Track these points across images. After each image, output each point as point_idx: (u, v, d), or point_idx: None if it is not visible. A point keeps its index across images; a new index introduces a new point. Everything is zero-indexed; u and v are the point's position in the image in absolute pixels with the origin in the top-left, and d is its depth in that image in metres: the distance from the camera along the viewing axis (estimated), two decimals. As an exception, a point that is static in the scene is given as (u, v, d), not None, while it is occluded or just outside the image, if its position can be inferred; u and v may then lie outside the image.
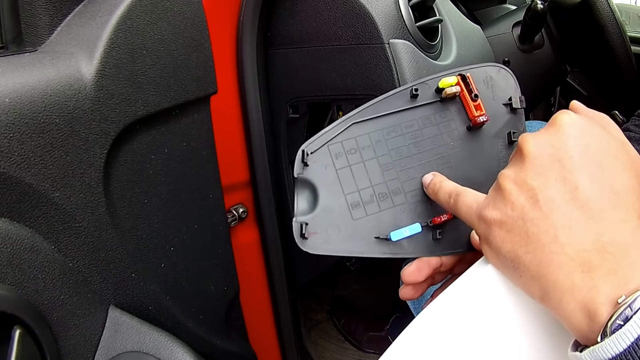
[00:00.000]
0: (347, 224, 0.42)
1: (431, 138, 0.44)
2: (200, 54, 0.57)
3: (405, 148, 0.44)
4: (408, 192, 0.44)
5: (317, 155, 0.42)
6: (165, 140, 0.54)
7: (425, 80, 0.45)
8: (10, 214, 0.39)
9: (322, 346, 1.20)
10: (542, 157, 0.31)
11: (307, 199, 0.43)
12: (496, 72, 0.46)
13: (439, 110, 0.45)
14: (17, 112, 0.38)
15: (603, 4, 0.89)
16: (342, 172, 0.43)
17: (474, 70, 0.46)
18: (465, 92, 0.45)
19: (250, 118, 0.78)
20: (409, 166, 0.44)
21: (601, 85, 1.09)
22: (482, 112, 0.44)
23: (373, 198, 0.43)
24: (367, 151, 0.43)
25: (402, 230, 0.42)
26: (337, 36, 0.72)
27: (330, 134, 0.43)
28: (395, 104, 0.44)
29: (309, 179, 0.43)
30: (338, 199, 0.42)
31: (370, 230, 0.42)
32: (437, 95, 0.45)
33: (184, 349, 0.47)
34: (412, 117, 0.45)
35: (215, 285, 0.65)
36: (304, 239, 0.42)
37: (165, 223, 0.55)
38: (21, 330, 0.37)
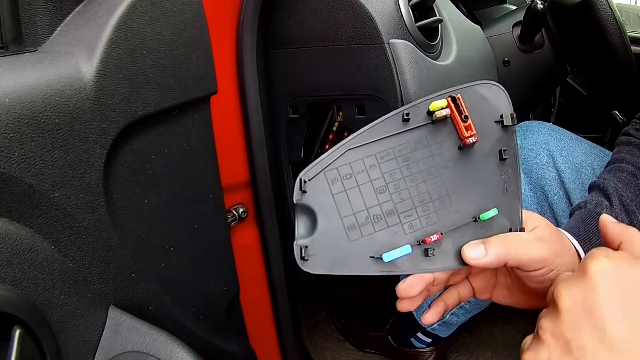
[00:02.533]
0: (344, 245, 0.45)
1: (423, 160, 0.46)
2: (200, 54, 0.57)
3: (398, 171, 0.46)
4: (401, 213, 0.46)
5: (315, 182, 0.45)
6: (165, 140, 0.54)
7: (416, 103, 0.46)
8: (10, 214, 0.39)
9: (322, 346, 1.20)
10: (576, 310, 0.35)
11: (306, 223, 0.45)
12: (487, 89, 0.47)
13: (430, 133, 0.47)
14: (17, 112, 0.38)
15: (603, 4, 0.89)
16: (338, 197, 0.45)
17: (464, 89, 0.47)
18: (455, 114, 0.46)
19: (250, 118, 0.78)
20: (402, 188, 0.46)
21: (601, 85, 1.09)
22: (473, 133, 0.46)
23: (368, 220, 0.45)
24: (361, 176, 0.46)
25: (393, 252, 0.45)
26: (337, 36, 0.72)
27: (326, 160, 0.45)
28: (387, 128, 0.46)
29: (308, 205, 0.45)
30: (335, 222, 0.45)
31: (366, 251, 0.45)
32: (428, 117, 0.47)
33: (184, 349, 0.47)
34: (405, 141, 0.46)
35: (215, 285, 0.65)
36: (304, 260, 0.44)
37: (165, 223, 0.55)
38: (21, 330, 0.37)
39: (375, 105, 0.72)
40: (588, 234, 0.51)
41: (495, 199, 0.47)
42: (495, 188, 0.47)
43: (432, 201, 0.47)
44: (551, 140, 0.82)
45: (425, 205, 0.46)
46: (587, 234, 0.51)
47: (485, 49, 0.96)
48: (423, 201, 0.46)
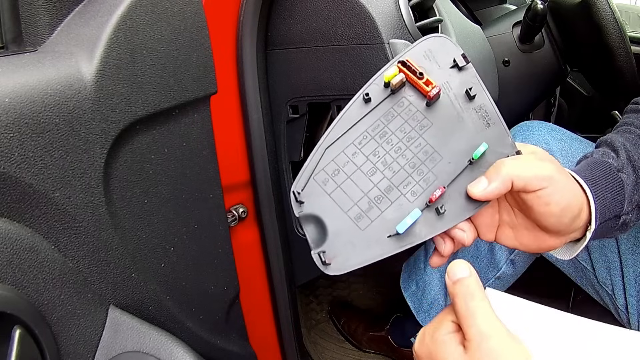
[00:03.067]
0: (359, 236, 0.45)
1: (399, 129, 0.47)
2: (200, 54, 0.57)
3: (379, 148, 0.47)
4: (399, 185, 0.46)
5: (308, 190, 0.46)
6: (165, 140, 0.54)
7: (372, 81, 0.48)
8: (10, 214, 0.39)
9: (322, 346, 1.20)
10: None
11: (315, 231, 0.46)
12: (432, 43, 0.48)
13: (395, 102, 0.48)
14: (17, 112, 0.38)
15: (603, 4, 0.89)
16: (335, 195, 0.46)
17: (410, 51, 0.48)
18: (410, 75, 0.47)
19: (250, 118, 0.78)
20: (389, 162, 0.47)
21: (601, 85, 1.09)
22: (433, 85, 0.46)
23: (371, 204, 0.46)
24: (348, 167, 0.46)
25: (404, 221, 0.44)
26: (337, 36, 0.72)
27: (311, 166, 0.46)
28: (355, 114, 0.47)
29: (310, 213, 0.46)
30: (342, 219, 0.45)
31: (381, 233, 0.45)
32: (387, 89, 0.48)
33: (184, 349, 0.47)
34: (375, 119, 0.47)
35: (215, 285, 0.65)
36: (327, 265, 0.44)
37: (165, 223, 0.55)
38: (21, 330, 0.37)
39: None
40: (594, 176, 0.51)
41: (481, 135, 0.47)
42: (477, 126, 0.47)
43: (423, 162, 0.47)
44: (551, 140, 0.82)
45: (418, 169, 0.47)
46: (592, 176, 0.51)
47: (485, 49, 0.96)
48: (415, 166, 0.47)
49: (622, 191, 0.51)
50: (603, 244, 0.75)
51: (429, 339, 0.42)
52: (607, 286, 0.75)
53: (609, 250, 0.74)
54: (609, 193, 0.50)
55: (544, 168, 0.45)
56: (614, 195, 0.50)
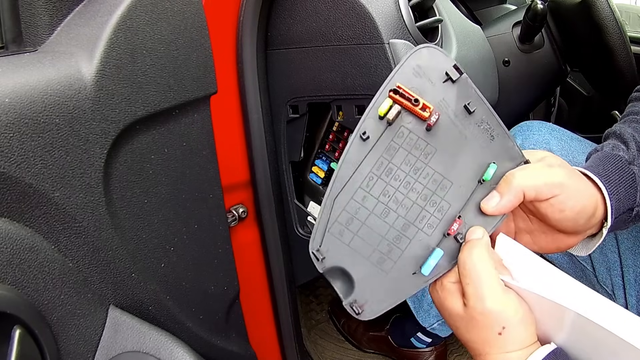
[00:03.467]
0: (385, 279, 0.45)
1: (404, 162, 0.45)
2: (200, 54, 0.57)
3: (389, 187, 0.46)
4: (415, 221, 0.45)
5: (325, 245, 0.45)
6: (165, 140, 0.54)
7: (365, 116, 0.45)
8: (10, 214, 0.39)
9: (322, 346, 1.20)
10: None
11: (342, 282, 0.46)
12: (420, 56, 0.45)
13: (393, 134, 0.45)
14: (17, 112, 0.38)
15: (603, 4, 0.89)
16: (353, 244, 0.45)
17: (399, 72, 0.45)
18: (405, 103, 0.44)
19: (250, 118, 0.78)
20: (401, 199, 0.45)
21: (601, 85, 1.09)
22: (431, 109, 0.44)
23: (390, 245, 0.45)
24: (361, 212, 0.45)
25: (428, 263, 0.44)
26: (337, 36, 0.72)
27: (323, 220, 0.46)
28: (356, 157, 0.45)
29: (333, 266, 0.45)
30: (365, 266, 0.45)
31: (405, 271, 0.45)
32: (383, 122, 0.45)
33: (184, 349, 0.47)
34: (377, 157, 0.45)
35: (215, 285, 0.65)
36: (360, 313, 0.45)
37: (165, 223, 0.55)
38: (21, 330, 0.37)
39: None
40: (607, 172, 0.50)
41: (488, 151, 0.46)
42: (481, 142, 0.46)
43: (434, 192, 0.46)
44: (551, 140, 0.82)
45: (430, 200, 0.46)
46: (605, 171, 0.50)
47: (485, 49, 0.96)
48: (427, 198, 0.46)
49: (635, 184, 0.51)
50: (603, 244, 0.75)
51: (439, 285, 0.45)
52: (607, 286, 0.75)
53: (609, 250, 0.74)
54: (622, 187, 0.50)
55: (554, 175, 0.45)
56: (627, 188, 0.50)
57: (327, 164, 0.87)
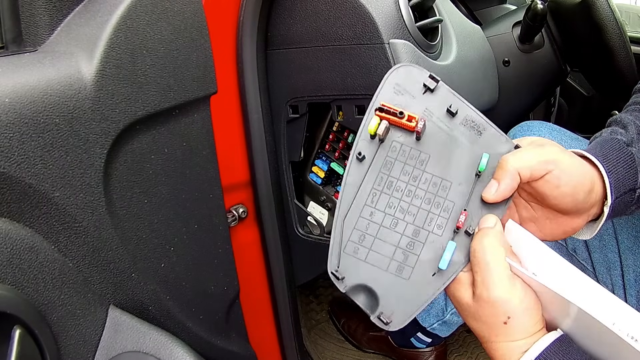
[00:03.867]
0: (407, 286, 0.46)
1: (402, 173, 0.48)
2: (200, 54, 0.57)
3: (392, 199, 0.48)
4: (424, 225, 0.47)
5: (343, 265, 0.47)
6: (165, 140, 0.54)
7: (358, 139, 0.49)
8: (10, 214, 0.39)
9: (322, 346, 1.20)
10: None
11: (366, 297, 0.47)
12: (397, 76, 0.49)
13: (387, 150, 0.48)
14: (17, 112, 0.38)
15: (603, 4, 0.89)
16: (370, 258, 0.47)
17: (381, 94, 0.49)
18: (392, 119, 0.47)
19: (251, 118, 0.78)
20: (407, 208, 0.47)
21: (601, 85, 1.09)
22: (416, 119, 0.47)
23: (406, 253, 0.47)
24: (371, 228, 0.47)
25: (444, 257, 0.46)
26: (337, 36, 0.72)
27: (336, 242, 0.47)
28: (356, 178, 0.48)
29: (354, 285, 0.47)
30: (385, 277, 0.47)
31: (425, 274, 0.46)
32: (375, 140, 0.48)
33: (184, 349, 0.47)
34: (376, 174, 0.48)
35: (215, 285, 0.65)
36: (389, 324, 0.46)
37: (165, 223, 0.55)
38: (21, 330, 0.37)
39: (375, 105, 0.72)
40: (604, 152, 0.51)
41: (478, 145, 0.48)
42: (470, 139, 0.48)
43: (436, 194, 0.47)
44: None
45: (434, 202, 0.47)
46: (603, 152, 0.51)
47: (485, 49, 0.96)
48: (430, 201, 0.47)
49: (634, 164, 0.52)
50: (603, 244, 0.75)
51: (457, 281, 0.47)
52: (607, 286, 0.75)
53: (609, 250, 0.74)
54: (621, 167, 0.51)
55: (545, 153, 0.46)
56: (627, 169, 0.51)
57: (327, 164, 0.87)
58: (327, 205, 0.88)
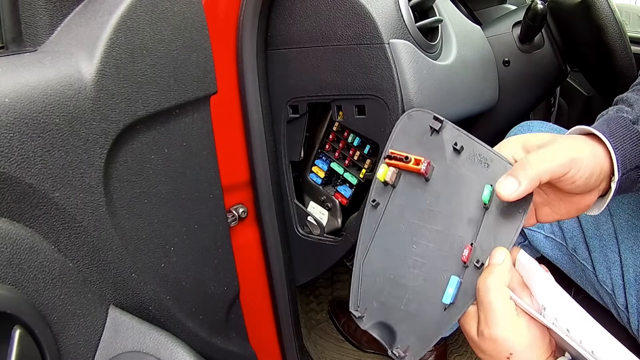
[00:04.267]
0: (421, 321, 0.49)
1: (413, 215, 0.50)
2: (200, 54, 0.57)
3: (406, 242, 0.50)
4: (437, 263, 0.49)
5: (363, 304, 0.51)
6: (165, 140, 0.54)
7: (373, 187, 0.52)
8: (10, 214, 0.39)
9: (322, 346, 1.20)
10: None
11: (384, 333, 0.51)
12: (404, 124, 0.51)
13: (399, 194, 0.51)
14: (17, 112, 0.38)
15: (603, 4, 0.89)
16: (386, 298, 0.50)
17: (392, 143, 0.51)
18: (400, 164, 0.50)
19: (251, 118, 0.78)
20: (419, 250, 0.50)
21: (601, 85, 1.09)
22: (422, 161, 0.49)
23: (420, 291, 0.49)
24: (388, 270, 0.50)
25: (446, 292, 0.48)
26: (337, 36, 0.72)
27: (355, 284, 0.52)
28: (371, 224, 0.52)
29: (374, 322, 0.51)
30: (402, 315, 0.50)
31: (434, 309, 0.49)
32: (387, 186, 0.51)
33: (184, 349, 0.47)
34: (390, 218, 0.51)
35: (215, 285, 0.65)
36: (405, 356, 0.49)
37: (165, 223, 0.55)
38: (21, 330, 0.37)
39: (375, 106, 0.72)
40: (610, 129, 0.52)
41: (485, 178, 0.49)
42: (478, 173, 0.49)
43: (448, 232, 0.49)
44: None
45: (445, 240, 0.49)
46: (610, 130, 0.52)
47: (485, 49, 0.96)
48: (442, 239, 0.49)
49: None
50: (603, 244, 0.75)
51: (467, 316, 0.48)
52: (607, 286, 0.75)
53: (609, 249, 0.74)
54: (627, 144, 0.51)
55: (562, 154, 0.47)
56: (632, 146, 0.52)
57: (327, 164, 0.87)
58: (327, 205, 0.88)
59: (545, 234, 0.82)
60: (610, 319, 0.76)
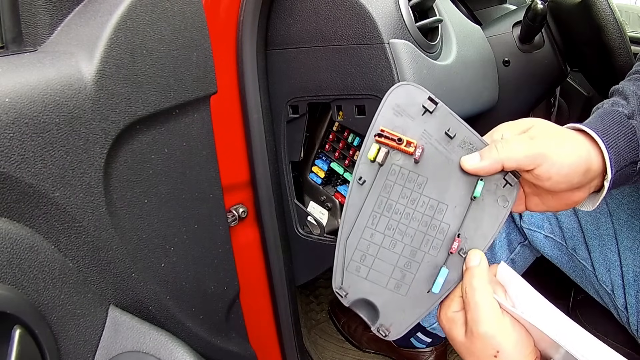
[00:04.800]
0: (404, 302, 0.50)
1: (400, 196, 0.50)
2: (200, 54, 0.57)
3: (391, 221, 0.50)
4: (421, 246, 0.50)
5: (346, 282, 0.51)
6: (165, 140, 0.54)
7: (359, 163, 0.51)
8: (10, 214, 0.39)
9: (322, 346, 1.20)
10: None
11: (367, 310, 0.51)
12: (397, 96, 0.50)
13: (386, 173, 0.50)
14: (17, 112, 0.38)
15: (603, 4, 0.89)
16: (370, 276, 0.51)
17: (380, 117, 0.50)
18: (391, 144, 0.49)
19: (250, 118, 0.78)
20: (405, 230, 0.50)
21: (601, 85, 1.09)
22: (415, 145, 0.49)
23: (403, 272, 0.50)
24: (371, 248, 0.51)
25: (437, 281, 0.49)
26: (337, 36, 0.72)
27: (340, 261, 0.51)
28: (357, 201, 0.51)
29: (356, 299, 0.51)
30: (384, 293, 0.50)
31: (420, 291, 0.50)
32: (375, 164, 0.50)
33: (184, 349, 0.47)
34: (376, 197, 0.50)
35: (215, 285, 0.65)
36: (387, 335, 0.50)
37: (165, 223, 0.55)
38: (21, 330, 0.37)
39: (375, 105, 0.72)
40: (604, 126, 0.52)
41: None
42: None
43: (433, 217, 0.49)
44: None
45: (430, 225, 0.50)
46: (603, 126, 0.52)
47: (485, 49, 0.96)
48: (427, 223, 0.50)
49: (635, 137, 0.52)
50: (603, 244, 0.75)
51: (444, 315, 0.50)
52: (607, 286, 0.75)
53: (609, 250, 0.74)
54: (622, 140, 0.51)
55: (533, 147, 0.47)
56: (627, 142, 0.51)
57: (327, 164, 0.87)
58: (327, 205, 0.88)
59: (545, 234, 0.82)
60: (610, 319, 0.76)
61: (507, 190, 0.49)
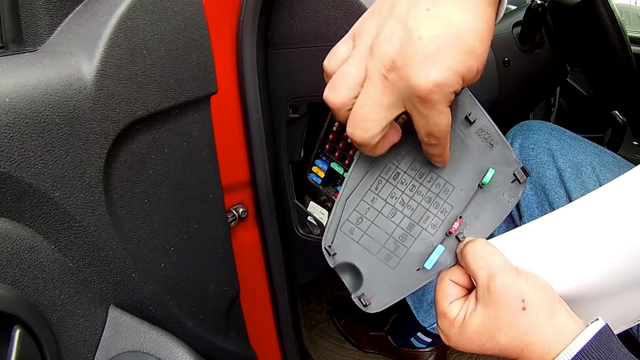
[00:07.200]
0: (391, 274, 0.49)
1: (410, 167, 0.49)
2: (200, 54, 0.57)
3: (396, 190, 0.49)
4: (419, 221, 0.49)
5: (337, 242, 0.50)
6: (165, 140, 0.54)
7: None
8: (10, 214, 0.39)
9: (322, 346, 1.20)
10: None
11: (351, 276, 0.50)
12: None
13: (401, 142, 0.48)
14: (17, 111, 0.38)
15: (603, 4, 0.89)
16: (363, 241, 0.49)
17: None
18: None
19: (250, 118, 0.78)
20: (407, 201, 0.49)
21: (601, 85, 1.09)
22: None
23: (397, 243, 0.49)
24: (370, 212, 0.49)
25: (431, 257, 0.48)
26: (337, 36, 0.72)
27: (335, 219, 0.49)
28: (366, 162, 0.49)
29: (343, 262, 0.50)
30: (373, 262, 0.49)
31: (410, 267, 0.49)
32: None
33: (184, 349, 0.47)
34: (386, 162, 0.49)
35: (215, 285, 0.65)
36: (368, 305, 0.49)
37: (165, 223, 0.55)
38: (21, 330, 0.37)
39: (375, 105, 0.72)
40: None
41: (487, 158, 0.49)
42: (481, 150, 0.49)
43: (438, 195, 0.49)
44: (551, 139, 0.82)
45: (434, 202, 0.49)
46: None
47: (485, 48, 0.96)
48: (430, 200, 0.49)
49: None
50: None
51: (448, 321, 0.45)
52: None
53: None
54: None
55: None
56: None
57: (327, 164, 0.87)
58: (327, 205, 0.88)
59: None
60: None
61: (514, 186, 0.49)
